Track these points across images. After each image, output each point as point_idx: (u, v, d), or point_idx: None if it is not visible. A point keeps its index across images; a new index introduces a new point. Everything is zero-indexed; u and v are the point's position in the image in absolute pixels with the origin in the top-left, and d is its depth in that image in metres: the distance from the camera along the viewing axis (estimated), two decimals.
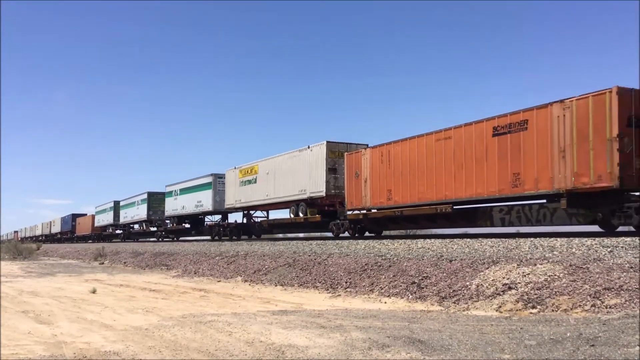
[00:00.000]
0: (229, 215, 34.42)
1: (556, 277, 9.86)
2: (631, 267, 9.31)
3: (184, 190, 38.02)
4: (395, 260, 14.12)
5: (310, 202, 24.87)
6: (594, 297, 8.78)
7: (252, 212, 31.57)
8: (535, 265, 10.68)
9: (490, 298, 10.21)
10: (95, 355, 7.18)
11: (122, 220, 50.84)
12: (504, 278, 10.65)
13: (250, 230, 32.26)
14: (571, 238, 12.77)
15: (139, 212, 45.89)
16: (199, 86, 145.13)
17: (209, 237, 35.80)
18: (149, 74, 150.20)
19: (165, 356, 7.07)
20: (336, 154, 23.75)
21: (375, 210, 21.42)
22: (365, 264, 14.60)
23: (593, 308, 8.51)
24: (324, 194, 23.72)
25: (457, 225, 19.42)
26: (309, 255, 17.56)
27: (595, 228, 15.08)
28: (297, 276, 16.05)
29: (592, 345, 6.23)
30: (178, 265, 24.98)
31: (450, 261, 12.69)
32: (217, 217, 35.36)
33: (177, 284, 18.24)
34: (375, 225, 22.85)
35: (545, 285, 9.75)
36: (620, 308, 8.22)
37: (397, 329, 8.20)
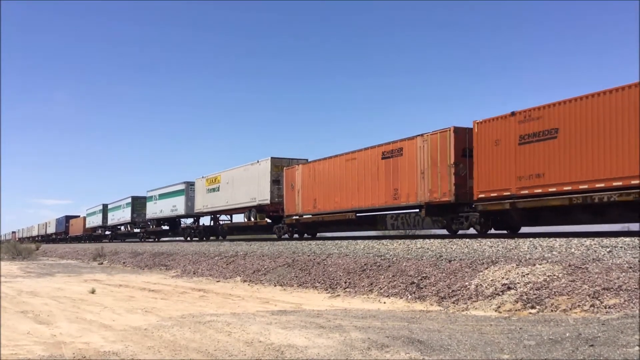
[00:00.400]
0: (201, 218, 38.03)
1: (555, 277, 9.87)
2: (630, 267, 9.32)
3: (162, 196, 41.94)
4: (394, 261, 14.13)
5: (260, 209, 28.96)
6: (593, 297, 8.79)
7: (218, 215, 35.51)
8: (535, 265, 10.69)
9: (490, 298, 10.21)
10: (94, 356, 7.18)
11: (109, 222, 54.34)
12: (503, 278, 10.66)
13: (217, 232, 36.12)
14: (570, 238, 12.78)
15: (124, 214, 49.37)
16: (199, 86, 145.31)
17: (182, 238, 40.06)
18: (148, 74, 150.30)
19: (165, 356, 7.06)
20: (279, 167, 27.71)
21: (305, 216, 25.70)
22: (365, 264, 14.60)
23: (592, 308, 8.52)
24: (269, 201, 27.75)
25: (362, 228, 24.47)
26: (308, 256, 17.57)
27: (591, 228, 15.47)
28: (296, 276, 16.05)
29: (591, 346, 6.24)
30: (177, 265, 24.98)
31: (450, 261, 12.70)
32: (190, 220, 39.45)
33: (176, 284, 18.24)
34: (306, 228, 27.23)
35: (544, 285, 9.75)
36: (619, 308, 8.23)
37: (396, 329, 8.20)
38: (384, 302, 11.82)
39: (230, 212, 33.27)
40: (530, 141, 15.39)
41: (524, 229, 17.86)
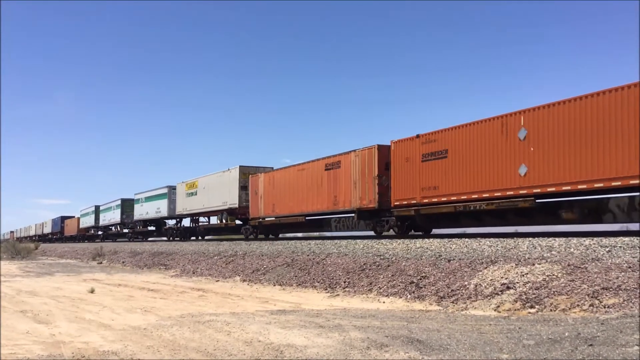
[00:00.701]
0: (183, 219, 40.71)
1: (554, 276, 9.87)
2: (629, 267, 9.33)
3: (147, 199, 44.92)
4: (393, 260, 14.13)
5: (230, 212, 31.95)
6: (592, 297, 8.79)
7: (196, 217, 38.42)
8: (534, 265, 10.69)
9: (489, 298, 10.22)
10: (93, 355, 7.18)
11: (101, 222, 57.16)
12: (502, 278, 10.67)
13: (196, 233, 39.10)
14: (569, 238, 12.79)
15: (114, 216, 52.22)
16: (199, 86, 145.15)
17: (165, 238, 43.23)
18: (148, 74, 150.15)
19: (164, 356, 7.06)
20: (247, 175, 30.70)
21: (267, 219, 29.02)
22: (364, 264, 14.60)
23: (591, 308, 8.53)
24: (237, 205, 30.84)
25: (312, 230, 28.95)
26: (308, 255, 17.57)
27: (590, 228, 15.62)
28: (296, 276, 16.06)
29: (591, 345, 6.24)
30: (176, 265, 24.98)
31: (449, 261, 12.70)
32: (173, 221, 42.15)
33: (176, 284, 18.24)
34: (267, 230, 30.79)
35: (543, 285, 9.76)
36: (618, 308, 8.23)
37: (395, 328, 8.20)
38: (383, 302, 11.82)
39: (206, 214, 36.18)
40: (429, 159, 18.91)
41: (523, 229, 18.38)
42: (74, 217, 69.16)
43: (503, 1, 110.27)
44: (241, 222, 31.75)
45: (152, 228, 45.77)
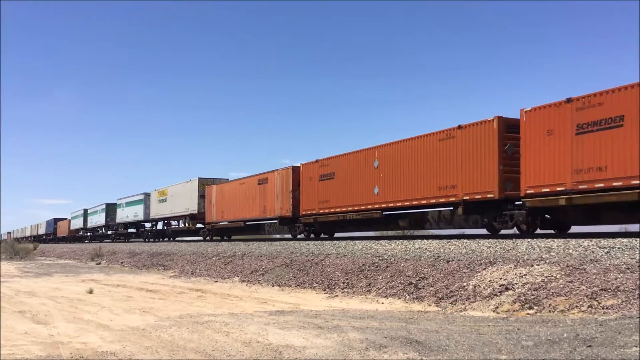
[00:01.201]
0: (159, 223, 45.47)
1: (553, 278, 9.88)
2: (628, 268, 9.34)
3: (127, 204, 49.55)
4: (392, 261, 14.14)
5: (192, 217, 37.44)
6: (590, 298, 8.80)
7: (167, 221, 43.32)
8: (532, 266, 10.70)
9: (488, 299, 10.22)
10: (92, 356, 7.17)
11: (89, 224, 61.72)
12: (501, 279, 10.67)
13: (166, 235, 43.86)
14: (568, 239, 12.80)
15: (100, 219, 57.11)
16: (199, 86, 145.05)
17: (141, 239, 47.84)
18: (148, 74, 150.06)
19: (162, 356, 7.06)
20: (204, 185, 35.98)
21: (219, 223, 34.27)
22: (363, 265, 14.60)
23: (590, 309, 8.53)
24: (197, 211, 36.44)
25: (250, 233, 33.02)
26: (306, 256, 17.57)
27: (589, 229, 15.57)
28: (295, 276, 16.05)
29: (589, 346, 6.25)
30: (175, 265, 24.97)
31: (448, 262, 12.70)
32: (149, 224, 46.80)
33: (174, 284, 18.22)
34: (219, 232, 35.50)
35: (542, 286, 9.77)
36: (617, 309, 8.24)
37: (394, 329, 8.20)
38: (382, 303, 11.82)
39: (174, 218, 41.47)
40: (324, 179, 23.53)
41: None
42: (65, 219, 72.49)
43: (503, 1, 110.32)
44: (202, 226, 36.74)
45: (132, 230, 50.13)
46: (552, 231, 16.33)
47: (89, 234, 62.80)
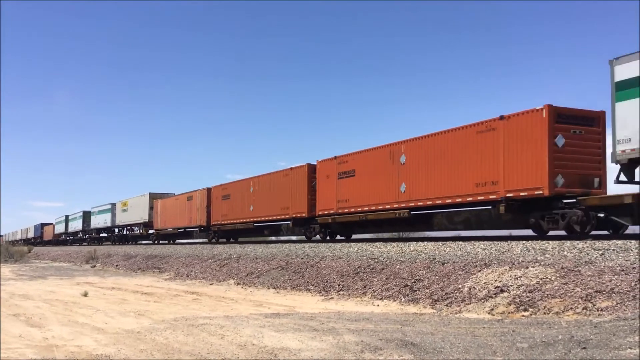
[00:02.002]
0: (123, 229, 52.48)
1: (548, 279, 9.90)
2: (622, 270, 9.37)
3: (99, 212, 56.94)
4: (387, 263, 14.14)
5: (145, 224, 45.19)
6: (585, 300, 8.82)
7: (130, 227, 50.06)
8: (527, 268, 10.72)
9: (483, 301, 10.24)
10: (86, 358, 7.15)
11: (69, 229, 68.28)
12: (496, 281, 10.69)
13: (128, 239, 50.55)
14: (563, 241, 12.83)
15: (78, 224, 63.58)
16: (198, 88, 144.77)
17: (110, 242, 54.45)
18: (146, 76, 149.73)
19: (157, 359, 7.04)
20: (153, 199, 43.58)
21: (162, 230, 41.67)
22: (358, 267, 14.60)
23: (585, 311, 8.56)
24: (148, 220, 44.12)
25: (189, 237, 39.27)
26: (302, 258, 17.56)
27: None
28: (290, 279, 16.04)
29: (584, 348, 6.26)
30: (170, 268, 24.92)
31: (443, 264, 12.72)
32: (116, 230, 53.61)
33: (169, 287, 18.19)
34: (163, 237, 42.71)
35: (537, 288, 9.79)
36: (611, 311, 8.27)
37: (389, 331, 8.21)
38: (378, 305, 11.83)
39: (133, 225, 48.82)
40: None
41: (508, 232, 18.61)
42: (51, 224, 78.98)
43: (503, 1, 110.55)
44: (152, 231, 44.16)
45: (104, 235, 57.17)
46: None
47: (70, 237, 68.75)
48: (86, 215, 60.71)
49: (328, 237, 24.48)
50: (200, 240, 36.80)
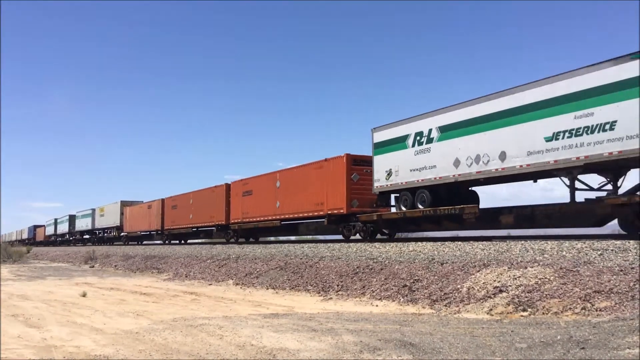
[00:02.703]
0: (102, 232, 58.88)
1: (547, 280, 9.90)
2: (621, 270, 9.37)
3: (82, 216, 63.48)
4: (386, 264, 14.14)
5: (117, 228, 52.12)
6: (584, 300, 8.83)
7: (107, 230, 56.64)
8: (526, 268, 10.72)
9: (481, 301, 10.24)
10: (85, 359, 7.14)
11: (58, 231, 74.59)
12: (495, 281, 10.69)
13: (104, 240, 57.31)
14: (561, 241, 12.84)
15: (65, 227, 69.88)
16: (198, 89, 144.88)
17: (90, 243, 60.52)
18: (145, 77, 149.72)
19: (156, 359, 7.04)
20: (124, 206, 50.73)
21: (130, 233, 49.15)
22: (357, 267, 14.60)
23: (583, 311, 8.56)
24: (119, 224, 51.40)
25: (150, 239, 46.63)
26: (301, 259, 17.55)
27: (583, 231, 15.70)
28: (289, 279, 16.03)
29: (583, 348, 6.27)
30: (169, 268, 24.89)
31: (442, 264, 12.72)
32: (97, 232, 60.14)
33: (168, 288, 18.17)
34: (131, 239, 49.58)
35: (535, 288, 9.79)
36: (610, 311, 8.27)
37: (388, 332, 8.21)
38: (376, 305, 11.82)
39: (109, 228, 55.40)
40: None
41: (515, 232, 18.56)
42: (43, 226, 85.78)
43: (502, 1, 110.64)
44: (123, 234, 50.82)
45: (86, 236, 63.44)
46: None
47: (58, 239, 75.19)
48: (72, 219, 67.44)
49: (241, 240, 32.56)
50: (158, 242, 44.36)
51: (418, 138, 18.47)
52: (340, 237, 23.30)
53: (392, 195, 20.44)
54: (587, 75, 13.43)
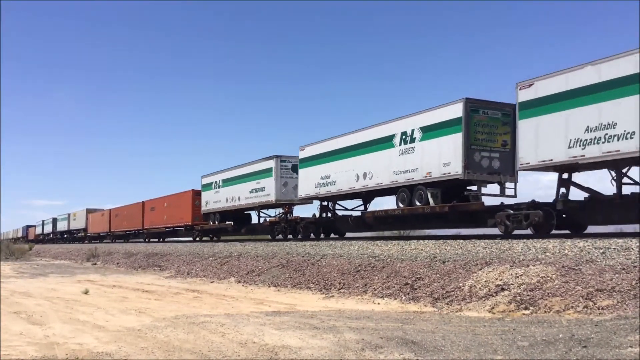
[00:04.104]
0: (77, 233, 70.37)
1: (549, 278, 9.90)
2: (623, 269, 9.36)
3: (61, 219, 75.49)
4: (388, 262, 14.14)
5: (84, 230, 64.28)
6: (586, 299, 8.82)
7: (78, 232, 68.22)
8: (528, 266, 10.72)
9: (483, 299, 10.24)
10: (87, 356, 7.16)
11: (45, 231, 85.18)
12: (497, 279, 10.69)
13: (76, 238, 68.63)
14: (563, 240, 12.82)
15: (50, 227, 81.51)
16: (198, 89, 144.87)
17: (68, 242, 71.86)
18: (146, 76, 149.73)
19: (158, 357, 7.05)
20: (89, 212, 63.65)
21: (93, 233, 62.85)
22: (359, 265, 14.60)
23: (585, 309, 8.56)
24: (86, 227, 63.79)
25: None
26: (303, 256, 17.56)
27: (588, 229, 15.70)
28: (291, 277, 16.04)
29: (584, 347, 6.27)
30: (171, 266, 24.93)
31: (444, 262, 12.72)
32: (73, 232, 71.56)
33: (170, 285, 18.20)
34: (94, 238, 60.84)
35: (537, 286, 9.78)
36: (612, 309, 8.26)
37: (390, 330, 8.21)
38: (378, 303, 11.83)
39: (78, 231, 67.79)
40: (117, 216, 52.64)
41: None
42: (34, 226, 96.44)
43: (502, 1, 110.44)
44: (90, 234, 62.99)
45: (66, 236, 73.85)
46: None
47: (45, 237, 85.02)
48: (54, 221, 79.55)
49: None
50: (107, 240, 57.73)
51: (215, 186, 34.11)
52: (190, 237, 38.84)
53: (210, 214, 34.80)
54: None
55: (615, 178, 14.13)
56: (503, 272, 10.90)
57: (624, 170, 14.08)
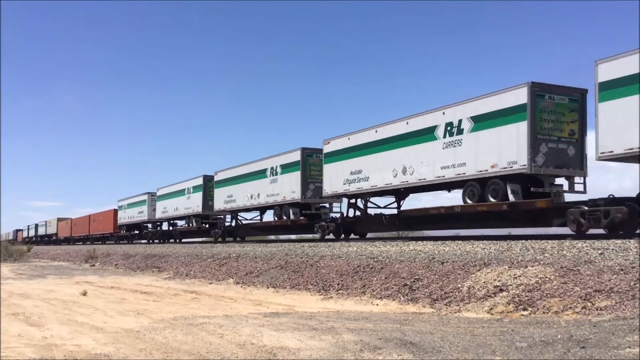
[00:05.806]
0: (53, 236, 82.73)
1: (547, 279, 9.91)
2: (622, 270, 9.37)
3: (40, 225, 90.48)
4: (387, 263, 14.14)
5: (56, 234, 78.62)
6: (584, 299, 8.83)
7: (52, 236, 79.74)
8: (527, 267, 10.72)
9: (482, 300, 10.24)
10: (85, 358, 7.15)
11: (29, 234, 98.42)
12: (495, 280, 10.69)
13: (52, 241, 79.13)
14: (562, 240, 12.84)
15: (33, 231, 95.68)
16: (198, 89, 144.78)
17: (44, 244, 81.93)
18: (147, 77, 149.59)
19: (156, 358, 7.04)
20: (60, 220, 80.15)
21: (70, 237, 74.84)
22: (357, 266, 14.60)
23: (584, 310, 8.56)
24: (56, 232, 79.50)
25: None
26: (301, 257, 17.55)
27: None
28: (289, 278, 16.04)
29: (583, 347, 6.27)
30: (169, 267, 24.90)
31: (442, 263, 12.72)
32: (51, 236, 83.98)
33: (169, 286, 18.18)
34: (62, 241, 77.14)
35: (536, 287, 9.79)
36: (610, 310, 8.27)
37: (388, 331, 8.21)
38: (377, 304, 11.83)
39: (50, 235, 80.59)
40: (75, 225, 68.28)
41: (516, 231, 18.58)
42: (21, 230, 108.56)
43: (502, 1, 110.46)
44: (62, 239, 73.88)
45: (45, 239, 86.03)
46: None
47: (29, 240, 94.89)
48: (37, 227, 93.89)
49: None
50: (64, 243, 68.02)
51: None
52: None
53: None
54: None
55: None
56: (501, 272, 10.90)
57: None
